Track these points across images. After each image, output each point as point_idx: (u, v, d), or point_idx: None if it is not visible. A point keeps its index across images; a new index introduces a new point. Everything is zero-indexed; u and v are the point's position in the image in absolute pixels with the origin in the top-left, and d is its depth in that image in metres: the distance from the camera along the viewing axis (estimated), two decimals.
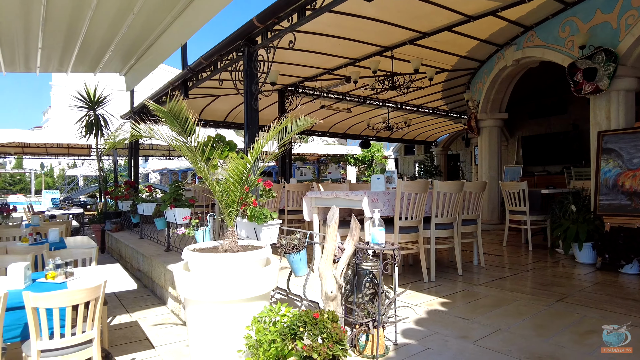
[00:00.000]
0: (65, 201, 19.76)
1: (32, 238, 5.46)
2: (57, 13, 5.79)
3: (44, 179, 39.44)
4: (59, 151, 14.32)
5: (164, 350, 4.23)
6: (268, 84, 5.48)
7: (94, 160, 17.05)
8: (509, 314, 3.01)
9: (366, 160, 18.65)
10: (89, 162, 23.27)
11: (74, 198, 22.88)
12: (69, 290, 2.85)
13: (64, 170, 45.45)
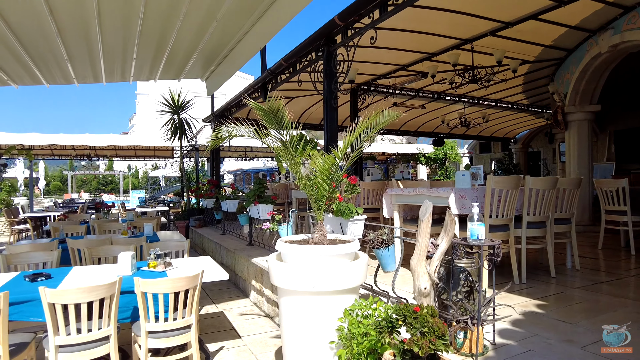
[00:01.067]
0: (150, 200, 21.40)
1: (130, 232, 5.98)
2: (151, 25, 6.28)
3: (130, 180, 42.91)
4: (145, 153, 15.55)
5: (250, 340, 4.42)
6: (345, 83, 5.53)
7: (176, 162, 18.26)
8: (618, 320, 2.75)
9: (439, 158, 18.07)
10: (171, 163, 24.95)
11: (157, 197, 24.69)
12: (172, 278, 3.08)
13: (147, 172, 49.20)
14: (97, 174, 48.13)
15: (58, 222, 7.29)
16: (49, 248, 4.67)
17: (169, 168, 41.29)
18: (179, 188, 33.64)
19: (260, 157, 19.57)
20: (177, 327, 3.20)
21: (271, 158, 19.07)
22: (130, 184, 41.36)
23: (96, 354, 2.99)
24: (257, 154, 16.58)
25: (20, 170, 25.15)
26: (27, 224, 11.55)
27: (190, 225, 9.55)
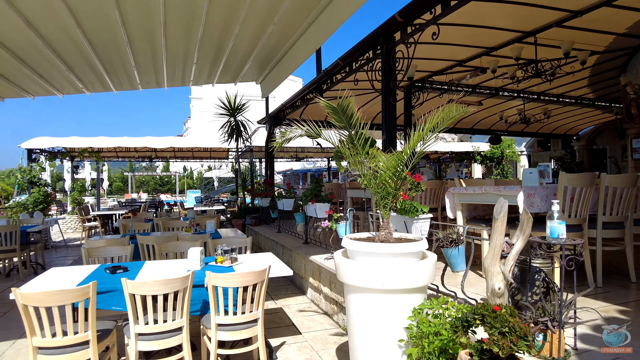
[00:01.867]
0: (206, 199, 22.24)
1: (193, 229, 6.24)
2: (212, 30, 6.52)
3: (186, 180, 44.77)
4: (202, 155, 16.18)
5: (310, 336, 4.48)
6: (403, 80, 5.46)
7: (231, 162, 18.85)
8: None
9: (495, 157, 17.36)
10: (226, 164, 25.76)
11: (212, 196, 25.60)
12: (241, 273, 3.18)
13: (201, 173, 51.19)
14: (154, 174, 50.66)
15: (127, 220, 7.76)
16: (121, 243, 4.98)
17: (222, 169, 42.68)
18: (232, 188, 34.71)
19: (310, 158, 19.76)
20: (244, 321, 3.31)
21: (321, 158, 19.20)
22: (185, 185, 43.14)
23: (170, 343, 3.15)
24: (308, 154, 16.76)
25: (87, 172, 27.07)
26: (96, 221, 12.39)
27: (247, 224, 9.82)
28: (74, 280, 3.43)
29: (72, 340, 2.87)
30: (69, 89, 8.68)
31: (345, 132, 2.83)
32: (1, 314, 5.33)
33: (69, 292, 2.77)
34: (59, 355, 2.88)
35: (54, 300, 2.74)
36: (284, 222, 8.30)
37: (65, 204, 16.09)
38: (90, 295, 2.84)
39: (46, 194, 11.23)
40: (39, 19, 5.37)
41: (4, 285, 6.83)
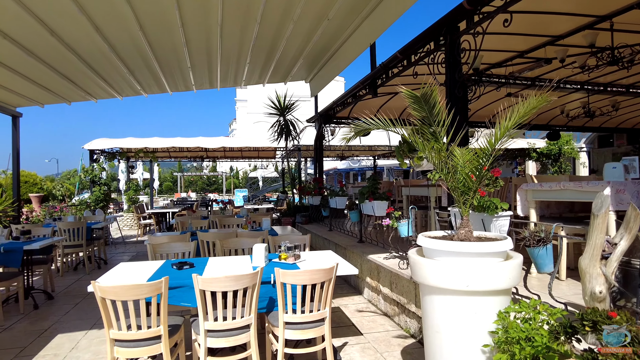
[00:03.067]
0: (253, 198, 22.61)
1: (250, 226, 6.27)
2: (266, 29, 6.53)
3: (232, 180, 45.87)
4: (250, 154, 16.43)
5: (372, 338, 4.35)
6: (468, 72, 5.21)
7: (277, 162, 19.03)
8: None
9: (552, 154, 16.42)
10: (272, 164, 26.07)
11: (258, 195, 26.00)
12: (310, 270, 3.10)
13: (247, 172, 52.36)
14: (202, 175, 52.29)
15: (183, 217, 7.94)
16: (183, 240, 5.07)
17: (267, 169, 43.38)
18: (276, 187, 35.13)
19: (355, 157, 19.59)
20: (312, 320, 3.23)
21: (366, 157, 18.99)
22: (232, 184, 44.19)
23: (238, 340, 3.13)
24: (354, 152, 16.61)
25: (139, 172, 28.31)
26: (151, 219, 12.86)
27: (297, 222, 9.83)
28: (143, 275, 3.49)
29: (146, 334, 2.91)
30: (128, 92, 9.03)
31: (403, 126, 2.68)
32: (73, 305, 5.58)
33: (144, 286, 2.80)
34: (134, 348, 2.92)
35: (130, 294, 2.78)
36: (335, 220, 8.21)
37: (121, 203, 16.84)
38: (163, 290, 2.86)
39: (106, 192, 11.79)
40: (106, 24, 5.57)
41: (73, 278, 7.18)
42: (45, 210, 11.91)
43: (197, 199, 20.20)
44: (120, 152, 13.09)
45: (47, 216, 11.03)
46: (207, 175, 51.38)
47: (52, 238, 6.05)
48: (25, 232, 5.79)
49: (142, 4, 5.16)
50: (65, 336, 4.49)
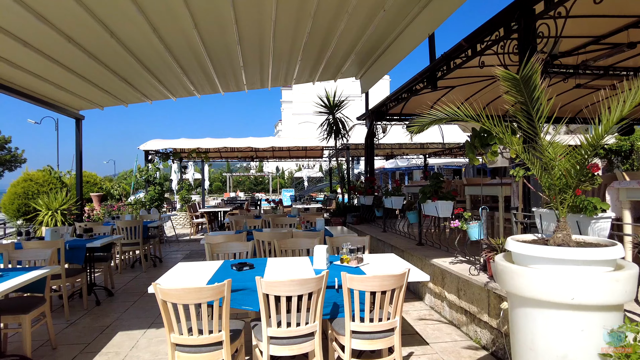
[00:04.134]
0: (299, 198, 22.61)
1: (304, 226, 6.10)
2: (319, 24, 6.32)
3: (278, 180, 46.38)
4: (298, 154, 16.37)
5: (439, 348, 4.02)
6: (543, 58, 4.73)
7: (324, 162, 18.89)
8: None
9: (623, 150, 15.11)
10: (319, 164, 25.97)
11: (304, 195, 26.03)
12: (381, 276, 2.85)
13: (292, 173, 52.85)
14: (249, 175, 53.29)
15: (238, 216, 7.92)
16: (240, 239, 4.96)
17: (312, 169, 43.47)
18: (322, 187, 35.04)
19: (404, 155, 19.05)
20: (381, 330, 2.98)
21: (417, 155, 18.40)
22: (278, 184, 44.69)
23: (302, 349, 2.93)
24: (405, 151, 16.12)
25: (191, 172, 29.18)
26: (203, 217, 13.08)
27: (347, 222, 9.59)
28: (202, 277, 3.38)
29: (207, 340, 2.77)
30: (181, 92, 9.15)
31: None
32: (131, 303, 5.65)
33: (206, 290, 2.66)
34: (195, 353, 2.79)
35: (192, 298, 2.65)
36: (389, 221, 7.89)
37: (174, 202, 17.33)
38: (225, 294, 2.71)
39: (160, 192, 12.11)
40: (163, 23, 5.59)
41: (131, 276, 7.34)
42: (104, 209, 12.41)
43: (246, 198, 20.46)
44: (173, 152, 13.43)
45: (106, 215, 11.48)
46: (255, 175, 52.28)
47: (112, 236, 6.17)
48: (88, 230, 5.94)
49: (198, 0, 5.11)
50: (126, 334, 4.50)
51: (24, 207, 10.34)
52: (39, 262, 4.35)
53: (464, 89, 9.42)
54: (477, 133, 4.06)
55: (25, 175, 10.92)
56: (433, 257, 5.19)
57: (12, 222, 10.33)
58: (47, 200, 8.80)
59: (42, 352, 4.04)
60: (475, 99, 9.83)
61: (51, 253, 4.29)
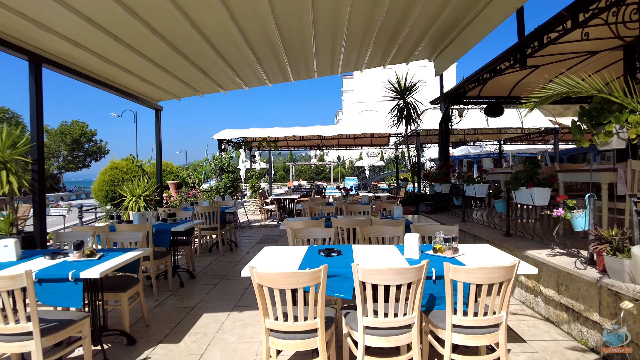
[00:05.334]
0: (363, 186, 22.39)
1: (380, 213, 5.91)
2: (395, 6, 6.05)
3: (340, 169, 46.38)
4: (364, 142, 16.12)
5: (540, 347, 3.69)
6: None
7: (389, 149, 18.47)
8: None
9: None
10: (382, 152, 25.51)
11: (368, 183, 25.74)
12: (487, 267, 2.61)
13: (353, 162, 52.66)
14: (311, 164, 53.81)
15: (310, 203, 7.90)
16: (318, 225, 4.88)
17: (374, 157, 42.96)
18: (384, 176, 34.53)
19: (477, 142, 18.10)
20: (485, 325, 2.74)
21: (491, 142, 17.39)
22: (339, 173, 44.70)
23: (399, 341, 2.78)
24: (478, 137, 15.28)
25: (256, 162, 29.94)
26: (273, 204, 13.31)
27: (420, 211, 9.25)
28: (291, 261, 3.31)
29: (302, 327, 2.70)
30: (254, 82, 9.26)
31: None
32: (212, 286, 5.82)
33: (302, 275, 2.59)
34: (289, 340, 2.74)
35: (288, 283, 2.58)
36: (468, 210, 7.46)
37: (243, 190, 17.84)
38: (322, 279, 2.62)
39: (234, 179, 12.48)
40: (241, 10, 5.60)
41: (209, 259, 7.60)
42: (180, 196, 13.03)
43: (311, 187, 20.60)
44: (244, 141, 13.76)
45: (183, 201, 12.03)
46: (316, 164, 52.66)
47: (194, 221, 6.39)
48: (171, 214, 6.19)
49: None
50: (210, 316, 4.62)
51: (111, 193, 11.12)
52: (132, 244, 4.57)
53: (549, 68, 8.66)
54: (586, 111, 3.62)
55: (112, 164, 11.73)
56: (525, 248, 4.78)
57: (102, 206, 11.17)
58: (131, 187, 9.36)
59: (137, 329, 4.25)
60: (562, 79, 8.98)
61: (142, 236, 4.48)
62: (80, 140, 42.26)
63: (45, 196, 6.04)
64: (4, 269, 3.28)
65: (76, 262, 3.44)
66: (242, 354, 3.63)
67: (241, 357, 3.57)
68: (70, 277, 3.08)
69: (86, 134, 41.53)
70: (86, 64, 6.82)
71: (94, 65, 6.93)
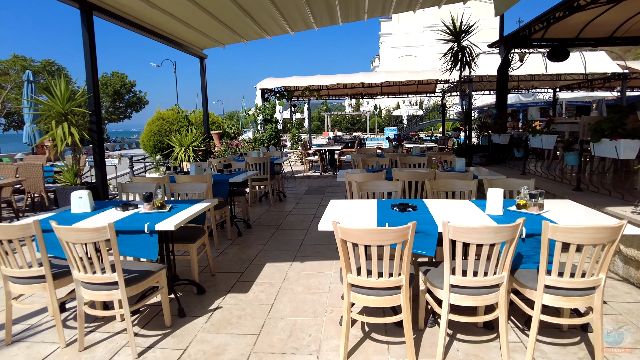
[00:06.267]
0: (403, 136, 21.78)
1: (441, 166, 5.67)
2: None
3: (376, 119, 45.36)
4: (408, 89, 15.45)
5: (622, 309, 3.49)
6: None
7: (437, 97, 17.67)
8: None
9: None
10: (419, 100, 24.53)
11: (407, 134, 25.10)
12: (593, 227, 2.40)
13: (389, 111, 51.27)
14: (346, 114, 52.87)
15: (362, 154, 7.69)
16: (379, 178, 4.74)
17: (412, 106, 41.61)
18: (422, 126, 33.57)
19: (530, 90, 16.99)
20: (581, 287, 2.57)
21: (544, 89, 16.27)
22: (376, 123, 43.76)
23: (486, 300, 2.66)
24: (535, 84, 14.25)
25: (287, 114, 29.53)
26: (315, 155, 13.22)
27: (474, 163, 8.89)
28: (364, 216, 3.19)
29: (386, 284, 2.62)
30: (300, 26, 8.83)
31: None
32: (269, 235, 5.88)
33: (390, 232, 2.47)
34: (372, 296, 2.68)
35: (375, 239, 2.47)
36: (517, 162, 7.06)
37: (284, 140, 17.77)
38: (409, 237, 2.49)
39: (277, 130, 12.38)
40: None
41: (261, 209, 7.69)
42: (224, 146, 13.12)
43: (351, 138, 20.28)
44: (286, 91, 13.48)
45: (228, 152, 12.10)
46: (351, 114, 51.67)
47: (248, 172, 6.38)
48: (227, 165, 6.19)
49: None
50: (273, 266, 4.67)
51: (159, 143, 11.31)
52: (195, 196, 4.59)
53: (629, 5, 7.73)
54: None
55: (158, 115, 11.84)
56: (603, 204, 4.47)
57: (152, 157, 11.43)
58: (180, 137, 9.44)
59: (203, 278, 4.36)
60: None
61: (207, 187, 4.48)
62: (120, 92, 43.07)
63: None
64: (81, 220, 3.35)
65: (148, 214, 3.47)
66: (311, 305, 3.65)
67: (311, 308, 3.59)
68: (145, 229, 3.10)
69: (126, 85, 42.20)
70: (134, 11, 6.65)
71: (141, 12, 6.75)
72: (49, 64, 31.06)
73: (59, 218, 3.40)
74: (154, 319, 3.50)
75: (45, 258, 2.99)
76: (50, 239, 3.06)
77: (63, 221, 3.13)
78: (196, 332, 3.24)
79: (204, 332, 3.25)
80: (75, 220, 3.32)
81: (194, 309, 3.65)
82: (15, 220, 6.93)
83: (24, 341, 3.21)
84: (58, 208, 7.48)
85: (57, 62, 32.00)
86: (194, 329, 3.29)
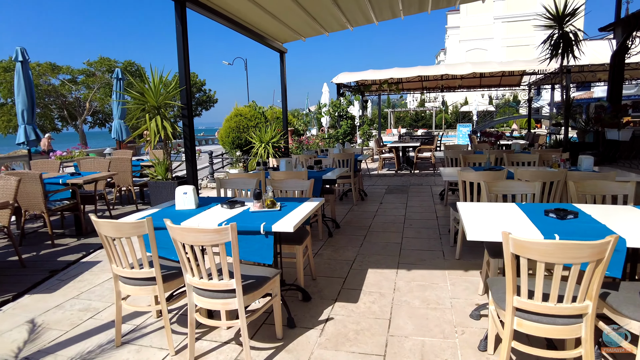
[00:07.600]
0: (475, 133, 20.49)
1: (563, 165, 4.96)
2: None
3: (443, 115, 43.59)
4: (491, 82, 14.36)
5: None
6: None
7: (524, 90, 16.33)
8: None
9: None
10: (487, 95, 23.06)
11: (480, 130, 23.64)
12: None
13: (457, 107, 49.01)
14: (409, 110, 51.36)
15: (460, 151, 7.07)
16: (499, 178, 4.16)
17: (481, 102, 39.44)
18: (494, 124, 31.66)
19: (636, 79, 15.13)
20: None
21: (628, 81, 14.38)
22: (443, 119, 42.02)
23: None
24: None
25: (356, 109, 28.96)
26: (390, 152, 12.64)
27: None
28: (515, 223, 2.66)
29: (566, 310, 2.09)
30: (360, 20, 8.35)
31: None
32: (361, 237, 5.47)
33: (586, 247, 1.93)
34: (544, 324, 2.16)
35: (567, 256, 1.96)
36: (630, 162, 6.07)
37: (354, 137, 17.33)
38: (607, 254, 1.95)
39: (352, 126, 11.97)
40: None
41: (345, 208, 7.30)
42: (297, 143, 12.93)
43: (423, 134, 19.42)
44: (363, 85, 13.00)
45: (302, 149, 11.87)
46: (416, 110, 50.06)
47: (340, 169, 6.02)
48: (317, 161, 5.86)
49: None
50: (377, 273, 4.26)
51: (237, 140, 11.33)
52: (297, 193, 4.28)
53: None
54: None
55: (236, 111, 11.88)
56: None
57: (232, 153, 11.49)
58: (259, 134, 9.31)
59: (305, 282, 4.02)
60: None
61: (310, 184, 4.15)
62: (191, 90, 44.76)
63: None
64: (188, 217, 3.13)
65: (259, 212, 3.18)
66: (436, 323, 3.17)
67: (437, 327, 3.11)
68: (261, 230, 2.79)
69: (196, 84, 43.81)
70: (222, 2, 6.50)
71: (229, 2, 6.60)
72: (129, 65, 33.00)
73: (166, 215, 3.20)
74: (261, 328, 3.21)
75: (156, 259, 2.79)
76: (158, 237, 2.85)
77: (171, 219, 2.91)
78: (312, 348, 2.89)
79: (320, 347, 2.89)
80: (183, 218, 3.10)
81: (302, 319, 3.31)
82: (107, 213, 7.10)
83: (132, 344, 3.05)
84: (143, 202, 7.51)
85: (136, 62, 33.90)
86: (308, 344, 2.95)
